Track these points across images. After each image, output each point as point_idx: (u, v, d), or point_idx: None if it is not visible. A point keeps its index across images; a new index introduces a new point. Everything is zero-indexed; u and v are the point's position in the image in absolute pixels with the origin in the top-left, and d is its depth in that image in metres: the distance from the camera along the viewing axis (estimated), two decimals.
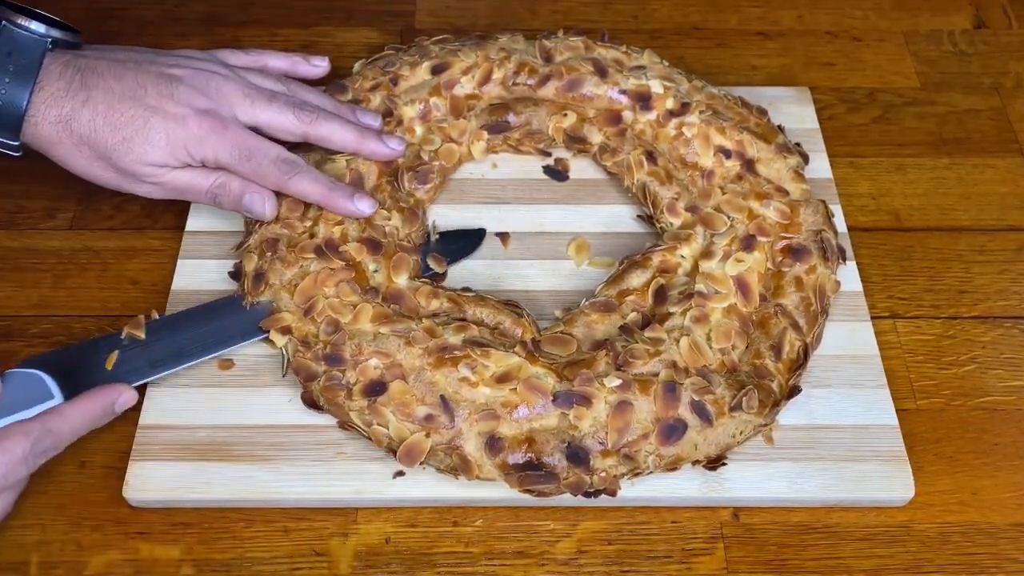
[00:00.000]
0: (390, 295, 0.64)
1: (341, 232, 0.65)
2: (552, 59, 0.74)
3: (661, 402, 0.58)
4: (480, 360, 0.59)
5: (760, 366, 0.61)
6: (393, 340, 0.60)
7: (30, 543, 0.58)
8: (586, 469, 0.57)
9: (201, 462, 0.60)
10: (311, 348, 0.61)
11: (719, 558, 0.58)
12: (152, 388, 0.62)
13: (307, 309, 0.62)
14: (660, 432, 0.57)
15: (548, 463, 0.57)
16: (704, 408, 0.58)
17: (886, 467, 0.60)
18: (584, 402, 0.58)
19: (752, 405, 0.59)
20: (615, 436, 0.57)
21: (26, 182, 0.74)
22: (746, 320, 0.63)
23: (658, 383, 0.58)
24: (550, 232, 0.71)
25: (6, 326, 0.67)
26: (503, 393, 0.58)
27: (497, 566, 0.58)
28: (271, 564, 0.58)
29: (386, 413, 0.58)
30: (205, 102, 0.63)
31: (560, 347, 0.61)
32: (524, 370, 0.59)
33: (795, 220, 0.67)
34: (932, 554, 0.58)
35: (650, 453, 0.58)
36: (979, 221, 0.74)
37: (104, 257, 0.71)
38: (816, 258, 0.66)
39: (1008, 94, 0.82)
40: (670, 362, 0.59)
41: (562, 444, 0.57)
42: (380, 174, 0.69)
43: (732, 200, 0.68)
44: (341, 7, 0.88)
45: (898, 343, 0.67)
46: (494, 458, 0.57)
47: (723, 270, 0.64)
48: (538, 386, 0.58)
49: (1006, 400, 0.65)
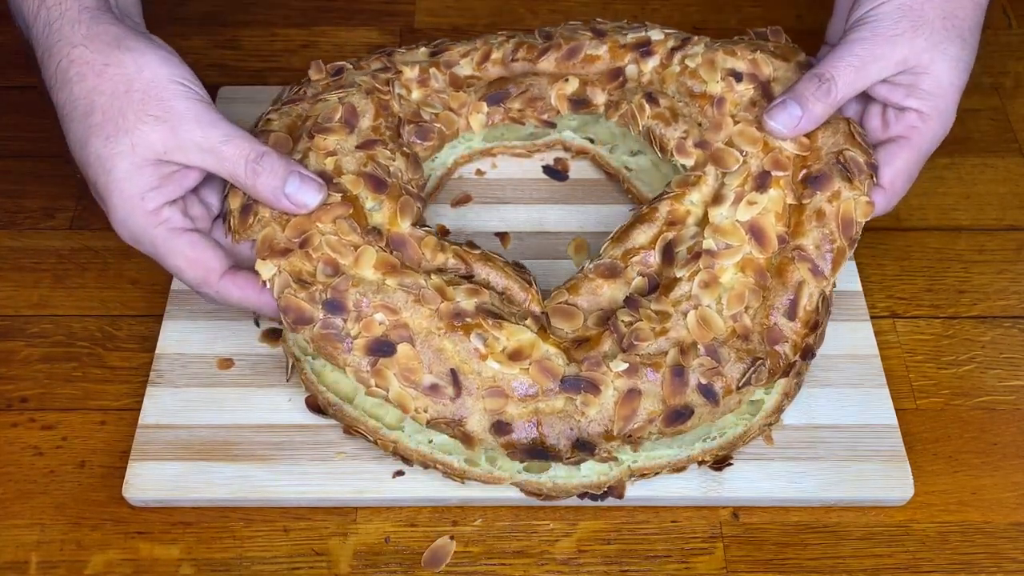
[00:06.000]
0: (392, 240, 0.59)
1: (335, 164, 0.61)
2: (551, 37, 0.71)
3: (668, 388, 0.56)
4: (492, 332, 0.56)
5: (773, 328, 0.57)
6: (400, 295, 0.57)
7: (30, 543, 0.58)
8: (591, 455, 0.56)
9: (201, 462, 0.60)
10: (306, 288, 0.57)
11: (719, 558, 0.58)
12: (152, 388, 0.62)
13: (302, 242, 0.58)
14: (666, 417, 0.56)
15: (553, 446, 0.56)
16: (712, 390, 0.56)
17: (885, 467, 0.60)
18: (592, 389, 0.55)
19: (761, 379, 0.57)
20: (621, 424, 0.56)
21: (26, 182, 0.74)
22: (762, 271, 0.58)
23: (665, 367, 0.56)
24: (550, 232, 0.71)
25: (6, 326, 0.67)
26: (514, 371, 0.56)
27: (497, 566, 0.58)
28: (271, 564, 0.58)
29: (389, 376, 0.56)
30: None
31: (567, 321, 0.59)
32: (537, 349, 0.56)
33: (813, 146, 0.61)
34: (931, 554, 0.58)
35: (654, 433, 0.56)
36: (978, 221, 0.74)
37: (104, 257, 0.71)
38: (838, 181, 0.59)
39: (1008, 94, 0.82)
40: (677, 340, 0.57)
41: (569, 431, 0.56)
42: (378, 114, 0.65)
43: (745, 130, 0.62)
44: (341, 7, 0.88)
45: (897, 343, 0.67)
46: (499, 438, 0.56)
47: (733, 219, 0.59)
48: (550, 368, 0.56)
49: (1005, 400, 0.65)
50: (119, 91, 0.55)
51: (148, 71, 0.56)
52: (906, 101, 0.61)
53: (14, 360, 0.66)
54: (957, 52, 0.60)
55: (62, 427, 0.63)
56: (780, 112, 0.61)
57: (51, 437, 0.62)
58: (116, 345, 0.66)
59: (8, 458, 0.61)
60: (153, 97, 0.55)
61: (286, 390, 0.63)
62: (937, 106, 0.60)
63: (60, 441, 0.62)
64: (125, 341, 0.67)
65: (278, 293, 0.57)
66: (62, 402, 0.64)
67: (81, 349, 0.66)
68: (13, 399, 0.64)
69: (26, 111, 0.79)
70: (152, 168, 0.56)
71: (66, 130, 0.57)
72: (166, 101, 0.55)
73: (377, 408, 0.60)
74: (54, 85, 0.56)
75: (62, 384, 0.65)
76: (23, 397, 0.64)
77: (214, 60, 0.84)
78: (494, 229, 0.71)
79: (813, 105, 0.60)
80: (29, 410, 0.63)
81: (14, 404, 0.64)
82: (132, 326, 0.67)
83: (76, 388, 0.64)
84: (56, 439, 0.62)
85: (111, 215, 0.57)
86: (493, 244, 0.70)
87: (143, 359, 0.65)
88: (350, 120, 0.63)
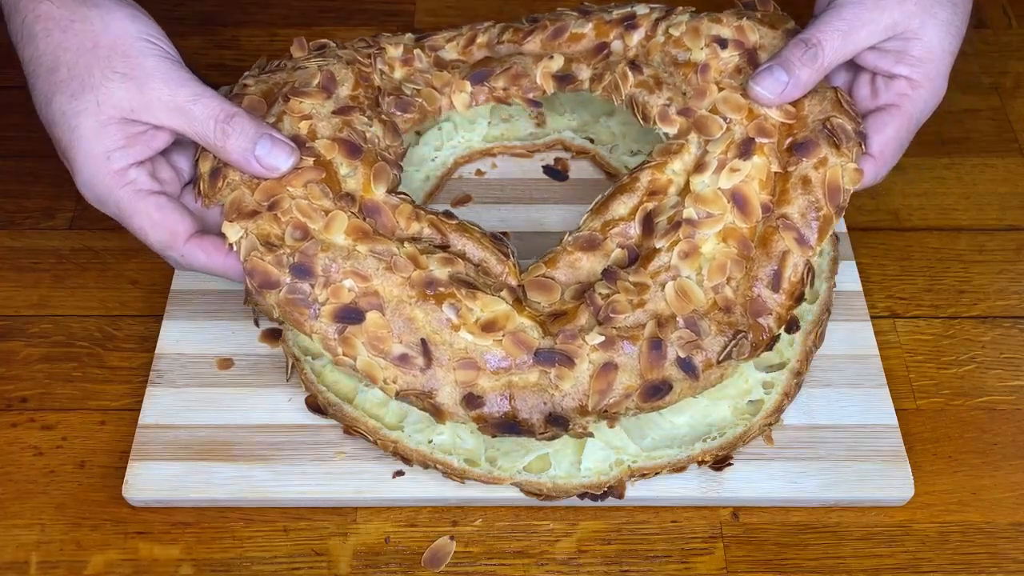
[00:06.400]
0: (366, 207, 0.58)
1: (309, 128, 0.59)
2: (538, 21, 0.69)
3: (645, 361, 0.54)
4: (465, 302, 0.55)
5: (756, 300, 0.56)
6: (371, 261, 0.55)
7: (30, 543, 0.58)
8: (564, 429, 0.54)
9: (201, 462, 0.60)
10: (273, 251, 0.55)
11: (719, 558, 0.58)
12: (152, 388, 0.62)
13: (271, 205, 0.56)
14: (644, 392, 0.54)
15: (526, 421, 0.54)
16: (691, 364, 0.54)
17: (885, 467, 0.60)
18: (567, 363, 0.54)
19: (743, 353, 0.55)
20: (596, 399, 0.54)
21: (26, 182, 0.74)
22: (746, 241, 0.57)
23: (643, 340, 0.54)
24: (550, 232, 0.71)
25: (6, 326, 0.67)
26: (487, 343, 0.54)
27: (497, 566, 0.58)
28: (271, 564, 0.58)
29: (357, 344, 0.54)
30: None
31: (544, 294, 0.57)
32: (512, 320, 0.55)
33: (799, 114, 0.59)
34: (931, 554, 0.58)
35: (631, 408, 0.55)
36: (978, 221, 0.74)
37: (104, 257, 0.71)
38: (825, 148, 0.58)
39: (1008, 94, 0.82)
40: (655, 313, 0.55)
41: (542, 405, 0.54)
42: (357, 85, 0.63)
43: (729, 97, 0.60)
44: (340, 7, 0.88)
45: (898, 343, 0.67)
46: (470, 411, 0.54)
47: (715, 187, 0.57)
48: (524, 340, 0.54)
49: (1006, 400, 0.65)
50: (85, 47, 0.54)
51: (115, 27, 0.54)
52: (896, 68, 0.59)
53: (14, 360, 0.66)
54: (948, 16, 0.58)
55: (62, 427, 0.63)
56: (766, 78, 0.59)
57: (51, 437, 0.62)
58: (116, 345, 0.66)
59: (8, 458, 0.61)
60: (120, 54, 0.54)
61: (286, 390, 0.63)
62: (928, 73, 0.59)
63: (60, 441, 0.62)
64: (125, 341, 0.67)
65: (244, 256, 0.56)
66: (62, 402, 0.64)
67: (81, 349, 0.66)
68: (13, 399, 0.64)
69: (26, 111, 0.78)
70: (118, 127, 0.54)
71: (31, 87, 0.56)
72: (133, 58, 0.54)
73: (377, 408, 0.60)
74: (19, 41, 0.55)
75: (62, 384, 0.65)
76: (23, 397, 0.64)
77: (213, 60, 0.84)
78: (494, 229, 0.71)
79: (800, 71, 0.58)
80: (29, 410, 0.63)
81: (14, 404, 0.64)
82: (132, 326, 0.67)
83: (76, 388, 0.64)
84: (56, 439, 0.62)
85: (76, 175, 0.56)
86: None
87: (143, 359, 0.65)
88: (328, 86, 0.62)
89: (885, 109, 0.60)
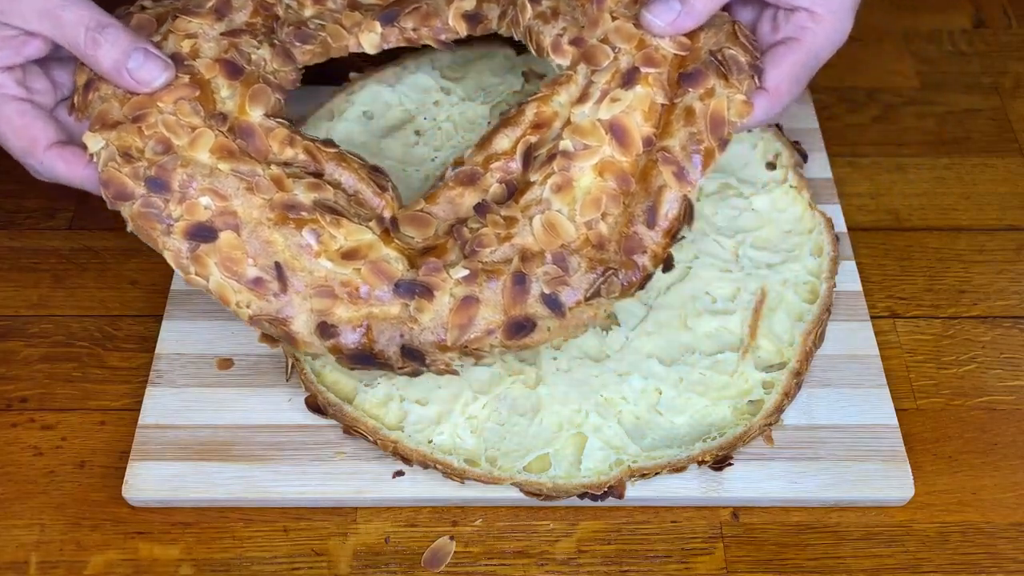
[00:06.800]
0: (239, 128, 0.56)
1: (192, 46, 0.57)
2: None
3: (508, 296, 0.52)
4: (328, 229, 0.53)
5: (631, 236, 0.54)
6: (232, 181, 0.53)
7: (30, 543, 0.58)
8: (421, 364, 0.53)
9: (201, 462, 0.60)
10: (131, 163, 0.53)
11: (718, 558, 0.58)
12: (152, 388, 0.62)
13: (136, 118, 0.54)
14: (507, 328, 0.53)
15: (382, 353, 0.53)
16: (557, 301, 0.53)
17: (885, 467, 0.60)
18: (426, 294, 0.52)
19: (613, 291, 0.53)
20: (456, 333, 0.52)
21: (26, 182, 0.74)
22: (626, 176, 0.54)
23: (507, 274, 0.53)
24: None
25: (5, 326, 0.67)
26: (346, 271, 0.53)
27: (496, 566, 0.58)
28: (270, 564, 0.58)
29: (209, 264, 0.53)
30: None
31: (417, 228, 0.55)
32: (375, 251, 0.53)
33: (694, 46, 0.56)
34: (931, 554, 0.58)
35: (495, 345, 0.53)
36: (979, 221, 0.74)
37: (103, 257, 0.71)
38: (713, 78, 0.55)
39: (1008, 94, 0.82)
40: (522, 247, 0.53)
41: (398, 337, 0.53)
42: (256, 13, 0.60)
43: (622, 27, 0.57)
44: None
45: (898, 343, 0.67)
46: (325, 341, 0.53)
47: (594, 118, 0.55)
48: (385, 270, 0.53)
49: (1006, 400, 0.65)
50: None
51: None
52: (797, 0, 0.57)
53: (14, 360, 0.66)
54: None
55: (62, 427, 0.63)
56: (658, 5, 0.56)
57: (51, 437, 0.62)
58: (116, 345, 0.66)
59: (8, 458, 0.61)
60: None
61: (286, 390, 0.63)
62: (830, 6, 0.56)
63: (60, 441, 0.62)
64: (125, 341, 0.67)
65: (102, 166, 0.54)
66: (62, 402, 0.64)
67: (81, 349, 0.66)
68: (13, 399, 0.64)
69: None
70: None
71: None
72: None
73: (377, 408, 0.60)
74: None
75: (62, 384, 0.65)
76: (23, 397, 0.64)
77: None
78: None
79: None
80: (29, 410, 0.63)
81: (14, 404, 0.64)
82: (132, 326, 0.67)
83: (76, 388, 0.64)
84: (56, 439, 0.62)
85: None
86: None
87: (143, 359, 0.65)
88: (222, 10, 0.59)
89: (784, 42, 0.58)
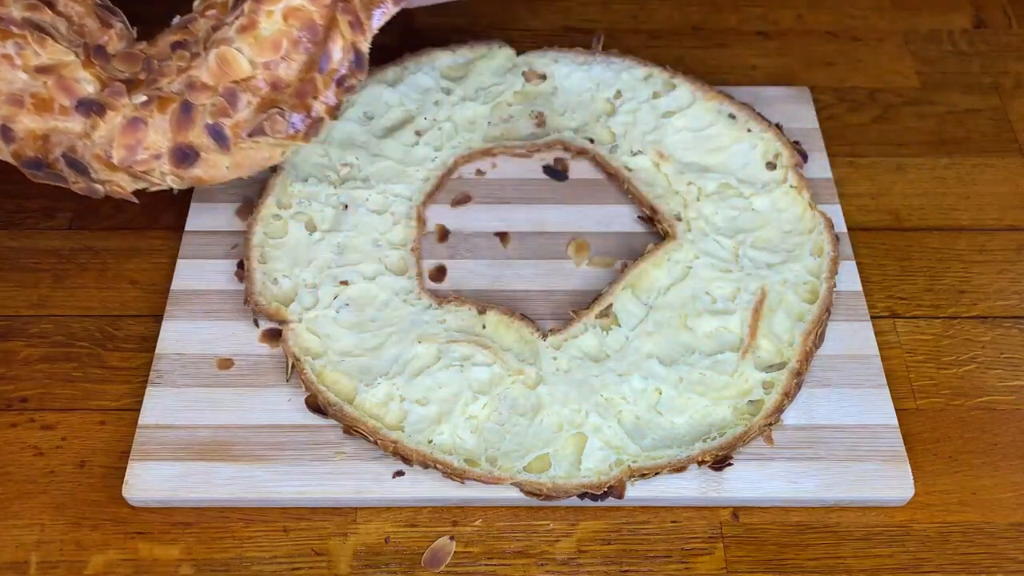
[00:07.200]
0: None
1: None
2: None
3: (174, 122, 0.55)
4: (33, 45, 0.56)
5: (307, 82, 0.56)
6: None
7: (30, 543, 0.58)
8: (88, 179, 0.55)
9: (201, 462, 0.60)
10: None
11: (718, 558, 0.58)
12: (152, 388, 0.62)
13: None
14: (172, 154, 0.55)
15: (56, 163, 0.55)
16: (221, 133, 0.55)
17: (885, 467, 0.60)
18: (100, 111, 0.55)
19: (279, 130, 0.55)
20: (122, 153, 0.55)
21: (26, 182, 0.74)
22: (314, 25, 0.56)
23: (176, 103, 0.55)
24: (550, 232, 0.71)
25: (6, 326, 0.67)
26: (36, 84, 0.55)
27: (497, 566, 0.58)
28: (270, 564, 0.58)
29: None
30: None
31: (127, 63, 0.58)
32: (70, 70, 0.56)
33: None
34: (931, 554, 0.58)
35: (167, 174, 0.56)
36: (979, 221, 0.74)
37: (104, 257, 0.71)
38: None
39: (1008, 94, 0.82)
40: (196, 80, 0.56)
41: (69, 151, 0.56)
42: None
43: None
44: None
45: (898, 343, 0.67)
46: (7, 146, 0.56)
47: None
48: (71, 87, 0.56)
49: (1006, 400, 0.65)
50: None
51: None
52: None
53: (14, 360, 0.66)
54: None
55: (62, 427, 0.63)
56: None
57: (51, 437, 0.62)
58: (116, 345, 0.66)
59: (8, 458, 0.61)
60: None
61: (286, 390, 0.63)
62: None
63: (60, 441, 0.62)
64: (125, 341, 0.67)
65: None
66: (62, 402, 0.64)
67: (81, 349, 0.66)
68: (13, 399, 0.64)
69: None
70: None
71: None
72: None
73: (377, 408, 0.60)
74: None
75: (62, 384, 0.65)
76: (23, 397, 0.64)
77: None
78: (494, 229, 0.71)
79: None
80: (29, 410, 0.63)
81: (14, 404, 0.64)
82: (132, 326, 0.67)
83: (76, 388, 0.64)
84: (56, 439, 0.62)
85: None
86: (493, 244, 0.70)
87: (143, 359, 0.65)
88: None
89: None
